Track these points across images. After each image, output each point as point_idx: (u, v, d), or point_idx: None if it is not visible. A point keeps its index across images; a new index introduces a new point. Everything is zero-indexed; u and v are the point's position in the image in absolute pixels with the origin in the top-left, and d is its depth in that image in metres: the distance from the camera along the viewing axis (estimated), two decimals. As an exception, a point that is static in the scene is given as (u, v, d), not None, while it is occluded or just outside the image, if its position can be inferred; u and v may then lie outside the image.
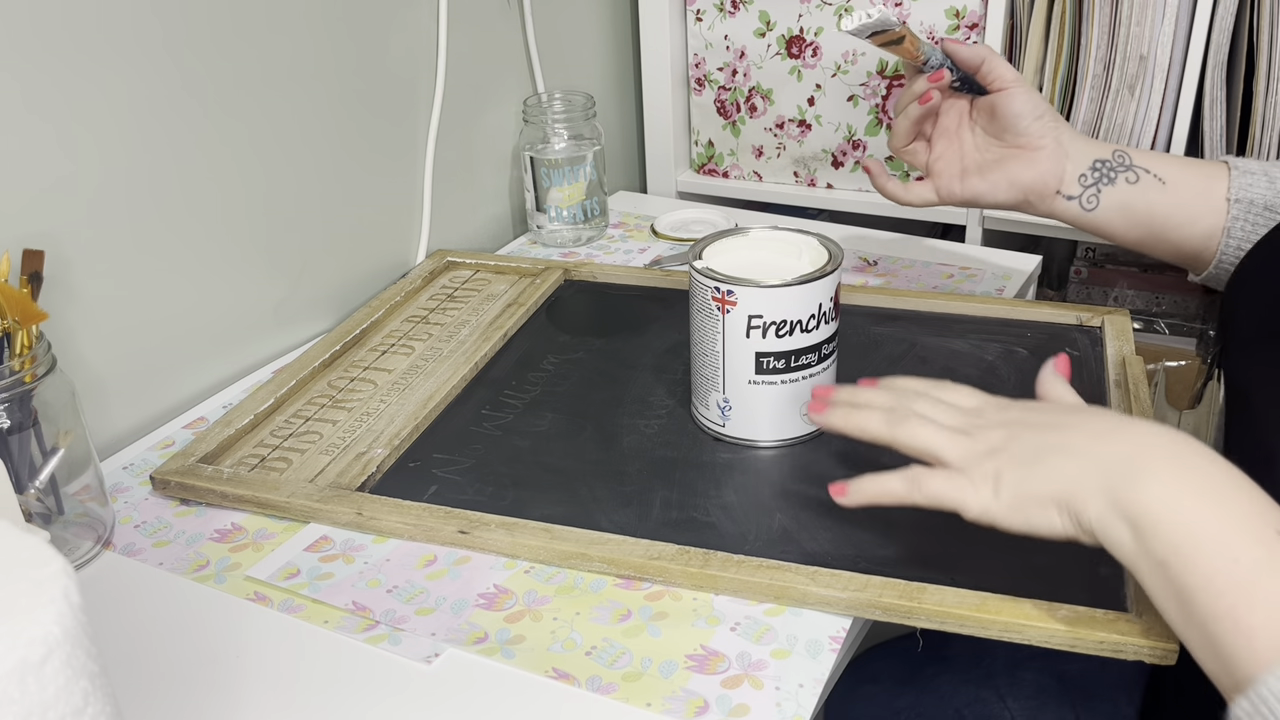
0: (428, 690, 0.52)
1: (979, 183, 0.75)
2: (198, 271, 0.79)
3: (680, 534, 0.60)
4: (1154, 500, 0.45)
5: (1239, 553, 0.42)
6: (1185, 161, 0.73)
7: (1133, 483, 0.45)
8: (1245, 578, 0.42)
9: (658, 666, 0.53)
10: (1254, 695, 0.40)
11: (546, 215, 1.05)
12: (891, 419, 0.54)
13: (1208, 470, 0.45)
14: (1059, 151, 0.73)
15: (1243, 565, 0.42)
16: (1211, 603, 0.42)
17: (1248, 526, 0.43)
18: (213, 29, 0.76)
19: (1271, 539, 0.42)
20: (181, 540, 0.64)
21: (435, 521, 0.62)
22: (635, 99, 1.30)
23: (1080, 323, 0.82)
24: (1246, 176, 0.70)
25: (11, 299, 0.57)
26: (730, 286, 0.64)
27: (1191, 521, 0.44)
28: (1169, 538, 0.44)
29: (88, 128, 0.69)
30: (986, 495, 0.50)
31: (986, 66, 0.73)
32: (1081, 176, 0.72)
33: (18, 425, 0.58)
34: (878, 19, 0.71)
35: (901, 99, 0.77)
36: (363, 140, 0.92)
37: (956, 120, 0.77)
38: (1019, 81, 0.73)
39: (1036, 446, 0.50)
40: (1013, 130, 0.73)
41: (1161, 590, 0.45)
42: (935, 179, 0.77)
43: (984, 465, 0.50)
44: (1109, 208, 0.72)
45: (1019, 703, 0.70)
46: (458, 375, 0.78)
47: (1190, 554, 0.43)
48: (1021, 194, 0.74)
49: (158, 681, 0.54)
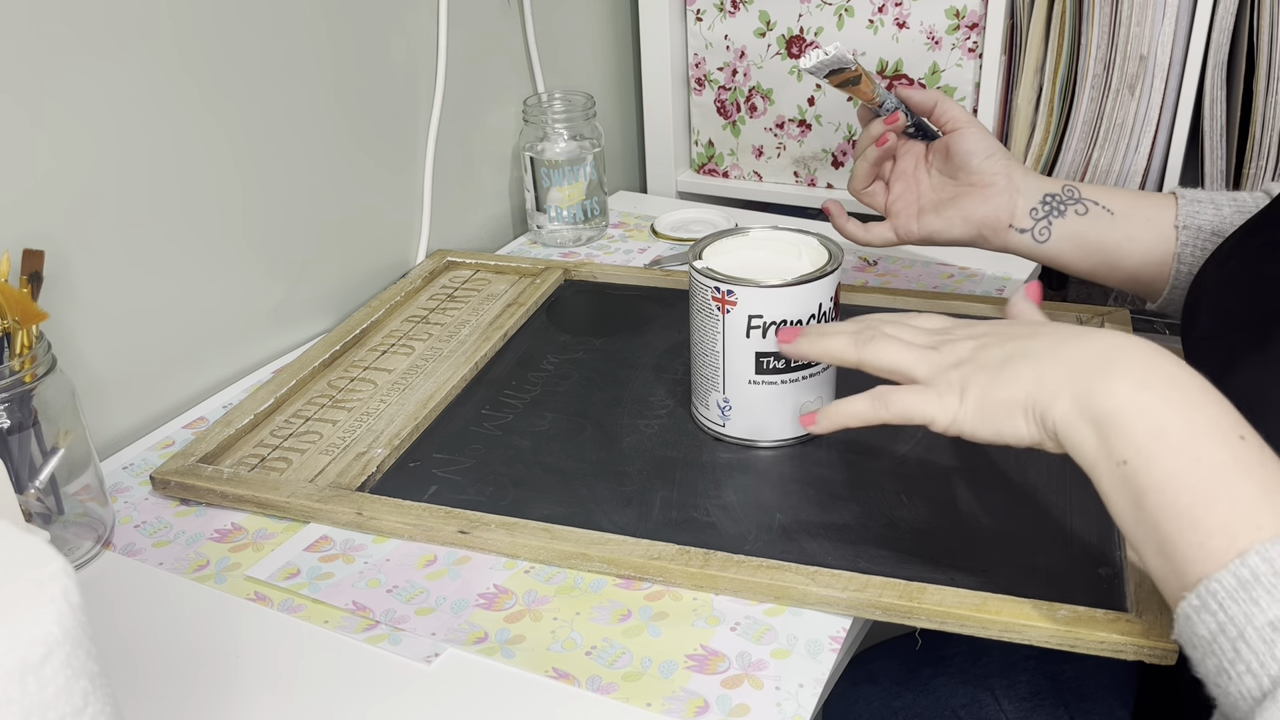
0: (428, 690, 0.52)
1: (934, 220, 0.78)
2: (198, 271, 0.79)
3: (680, 534, 0.61)
4: (1121, 399, 0.45)
5: (1202, 454, 0.42)
6: (1134, 194, 0.75)
7: (1100, 382, 0.45)
8: (1206, 478, 0.42)
9: (658, 666, 0.53)
10: (1203, 591, 0.40)
11: (546, 215, 1.05)
12: (859, 340, 0.54)
13: (1177, 375, 0.45)
14: (1010, 187, 0.75)
15: (1204, 465, 0.42)
16: (1170, 502, 0.42)
17: (1213, 429, 0.43)
18: (214, 29, 0.76)
19: (1236, 444, 0.43)
20: (181, 540, 0.64)
21: (435, 521, 0.62)
22: (635, 99, 1.30)
23: (1080, 322, 0.82)
24: (1193, 204, 0.72)
25: (11, 299, 0.57)
26: (730, 286, 0.64)
27: (1157, 421, 0.44)
28: (1133, 436, 0.44)
29: (88, 129, 0.69)
30: (953, 404, 0.50)
31: (939, 109, 0.77)
32: (1033, 210, 0.75)
33: (18, 425, 0.58)
34: (834, 56, 0.72)
35: (860, 143, 0.80)
36: (363, 140, 0.92)
37: (913, 163, 0.80)
38: (971, 122, 0.76)
39: (1003, 355, 0.50)
40: (965, 168, 0.76)
41: (1118, 491, 0.45)
42: (893, 219, 0.80)
43: (949, 375, 0.51)
44: (1061, 239, 0.75)
45: (1014, 704, 0.70)
46: (458, 375, 0.78)
47: (1153, 453, 0.43)
48: (975, 229, 0.77)
49: (158, 681, 0.54)
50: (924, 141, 0.80)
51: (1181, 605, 0.41)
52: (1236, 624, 0.39)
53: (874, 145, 0.78)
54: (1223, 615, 0.39)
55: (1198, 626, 0.40)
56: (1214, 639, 0.40)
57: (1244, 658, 0.38)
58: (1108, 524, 0.58)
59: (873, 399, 0.52)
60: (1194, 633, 0.41)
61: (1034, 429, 0.48)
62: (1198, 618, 0.40)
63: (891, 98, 0.77)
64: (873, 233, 0.80)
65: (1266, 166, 0.97)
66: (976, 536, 0.60)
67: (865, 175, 0.80)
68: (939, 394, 0.50)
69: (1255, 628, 0.38)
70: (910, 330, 0.55)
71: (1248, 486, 0.41)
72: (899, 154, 0.81)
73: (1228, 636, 0.39)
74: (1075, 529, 0.59)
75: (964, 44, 1.05)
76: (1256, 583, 0.39)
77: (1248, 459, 0.42)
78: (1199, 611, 0.40)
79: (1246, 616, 0.39)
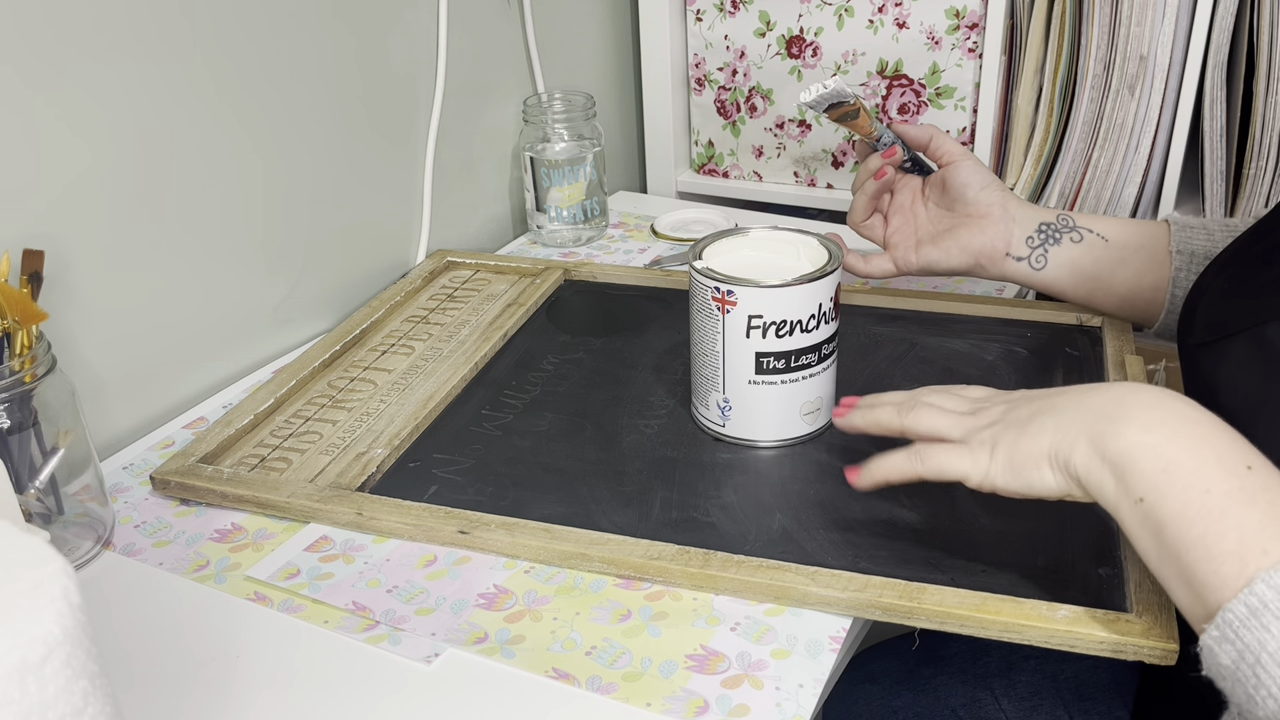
0: (428, 690, 0.52)
1: (932, 251, 0.79)
2: (198, 271, 0.79)
3: (680, 534, 0.60)
4: (1133, 442, 0.47)
5: (1211, 484, 0.44)
6: (1127, 221, 0.77)
7: (1111, 425, 0.48)
8: (1216, 506, 0.43)
9: (658, 666, 0.53)
10: (1220, 621, 0.42)
11: (546, 215, 1.05)
12: (903, 409, 0.57)
13: (1186, 414, 0.47)
14: (1006, 217, 0.77)
15: (1214, 495, 0.44)
16: (1184, 532, 0.44)
17: (1221, 461, 0.45)
18: (213, 30, 0.76)
19: (1243, 473, 0.44)
20: (181, 540, 0.64)
21: (435, 521, 0.62)
22: (635, 99, 1.30)
23: (1080, 323, 0.82)
24: (1186, 230, 0.73)
25: (11, 299, 0.57)
26: (730, 286, 0.64)
27: (1166, 457, 0.46)
28: (1146, 474, 0.46)
29: (88, 129, 0.69)
30: (984, 460, 0.52)
31: (935, 143, 0.78)
32: (1029, 239, 0.77)
33: (18, 425, 0.58)
34: (833, 90, 0.73)
35: (858, 177, 0.81)
36: (363, 140, 0.92)
37: (910, 197, 0.82)
38: (966, 155, 0.78)
39: (1030, 412, 0.52)
40: (962, 200, 0.78)
41: (1140, 528, 0.46)
42: (892, 251, 0.81)
43: (982, 434, 0.53)
44: (1056, 266, 0.76)
45: (1014, 704, 0.70)
46: (458, 375, 0.78)
47: (1166, 487, 0.45)
48: (973, 258, 0.78)
49: (158, 681, 0.54)
50: (920, 175, 0.82)
51: (1203, 639, 0.43)
52: (1253, 651, 0.40)
53: (872, 179, 0.79)
54: (1240, 644, 0.41)
55: (1220, 657, 0.42)
56: (1236, 667, 0.41)
57: (1265, 684, 0.40)
58: (1108, 524, 0.58)
59: (910, 455, 0.54)
60: (1218, 663, 0.42)
61: (1060, 478, 0.50)
62: (1219, 648, 0.42)
63: (889, 132, 0.79)
64: (872, 264, 0.81)
65: (1266, 166, 0.97)
66: (976, 536, 0.60)
67: (864, 209, 0.81)
68: (971, 451, 0.52)
69: (1269, 653, 0.40)
70: (953, 399, 0.57)
71: (1256, 512, 0.43)
72: (896, 188, 0.82)
73: (1247, 664, 0.40)
74: (1075, 529, 0.59)
75: (964, 44, 1.05)
76: (1265, 609, 0.40)
77: (1255, 487, 0.44)
78: (1219, 642, 0.42)
79: (1260, 643, 0.40)
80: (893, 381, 0.75)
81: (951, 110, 1.08)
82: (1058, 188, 1.06)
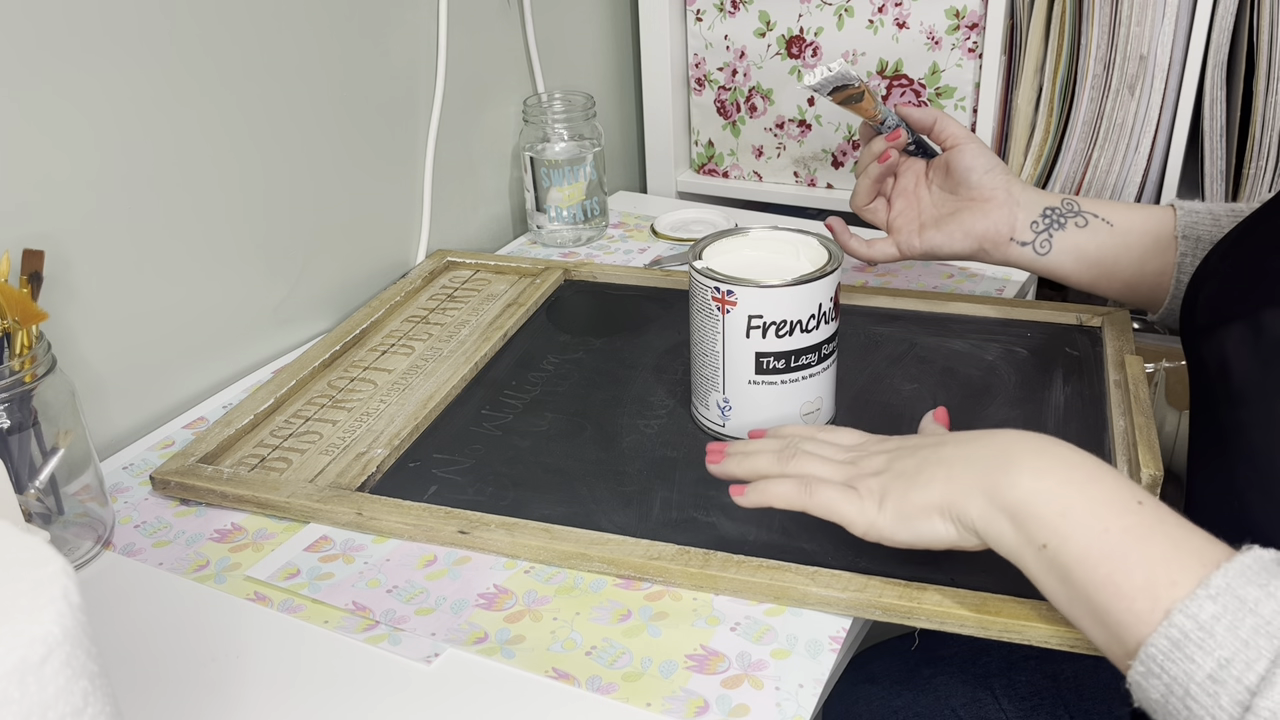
0: (428, 690, 0.52)
1: (936, 235, 0.79)
2: (198, 271, 0.79)
3: (680, 534, 0.61)
4: (1028, 489, 0.47)
5: (1108, 523, 0.45)
6: (1132, 206, 0.77)
7: (1003, 477, 0.48)
8: (1117, 544, 0.44)
9: (658, 666, 0.53)
10: (1144, 656, 0.42)
11: (546, 215, 1.05)
12: (781, 458, 0.57)
13: (1069, 459, 0.49)
14: (1010, 201, 0.77)
15: (1113, 534, 0.45)
16: (1090, 573, 0.45)
17: (1111, 501, 0.46)
18: (214, 30, 0.76)
19: (1136, 509, 0.45)
20: (181, 540, 0.64)
21: (435, 521, 0.62)
22: (635, 99, 1.30)
23: (1080, 323, 0.82)
24: (1192, 215, 0.73)
25: (11, 299, 0.57)
26: (730, 286, 0.64)
27: (1061, 502, 0.46)
28: (1045, 520, 0.47)
29: (88, 129, 0.69)
30: (871, 510, 0.52)
31: (938, 126, 0.78)
32: (1033, 223, 0.76)
33: (18, 425, 0.58)
34: (838, 73, 0.73)
35: (861, 160, 0.81)
36: (363, 140, 0.92)
37: (914, 180, 0.81)
38: (970, 138, 0.77)
39: (916, 463, 0.53)
40: (965, 184, 0.77)
41: (1046, 574, 0.47)
42: (895, 235, 0.81)
43: (869, 483, 0.53)
44: (1061, 251, 0.76)
45: (1014, 704, 0.70)
46: (458, 375, 0.78)
47: (1066, 531, 0.46)
48: (976, 243, 0.78)
49: (158, 681, 0.54)
50: (924, 159, 0.81)
51: (1130, 675, 0.43)
52: (1180, 683, 0.41)
53: (876, 162, 0.78)
54: (1166, 677, 0.41)
55: (1149, 691, 0.42)
56: (1166, 700, 0.42)
57: (1197, 714, 0.40)
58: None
59: (800, 487, 0.54)
60: (1149, 698, 0.43)
61: (952, 529, 0.50)
62: (1147, 683, 0.42)
63: (893, 115, 0.78)
64: (875, 248, 0.81)
65: (1266, 166, 0.97)
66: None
67: (867, 192, 0.81)
68: (860, 499, 0.53)
69: (1197, 683, 0.40)
70: (829, 447, 0.58)
71: (1157, 546, 0.44)
72: (900, 171, 0.82)
73: (1177, 696, 0.41)
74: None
75: (964, 44, 1.05)
76: (1186, 640, 0.41)
77: (1150, 521, 0.45)
78: (1146, 678, 0.42)
79: (1187, 674, 0.40)
80: (893, 381, 0.75)
81: (951, 110, 1.08)
82: (1057, 187, 1.06)
